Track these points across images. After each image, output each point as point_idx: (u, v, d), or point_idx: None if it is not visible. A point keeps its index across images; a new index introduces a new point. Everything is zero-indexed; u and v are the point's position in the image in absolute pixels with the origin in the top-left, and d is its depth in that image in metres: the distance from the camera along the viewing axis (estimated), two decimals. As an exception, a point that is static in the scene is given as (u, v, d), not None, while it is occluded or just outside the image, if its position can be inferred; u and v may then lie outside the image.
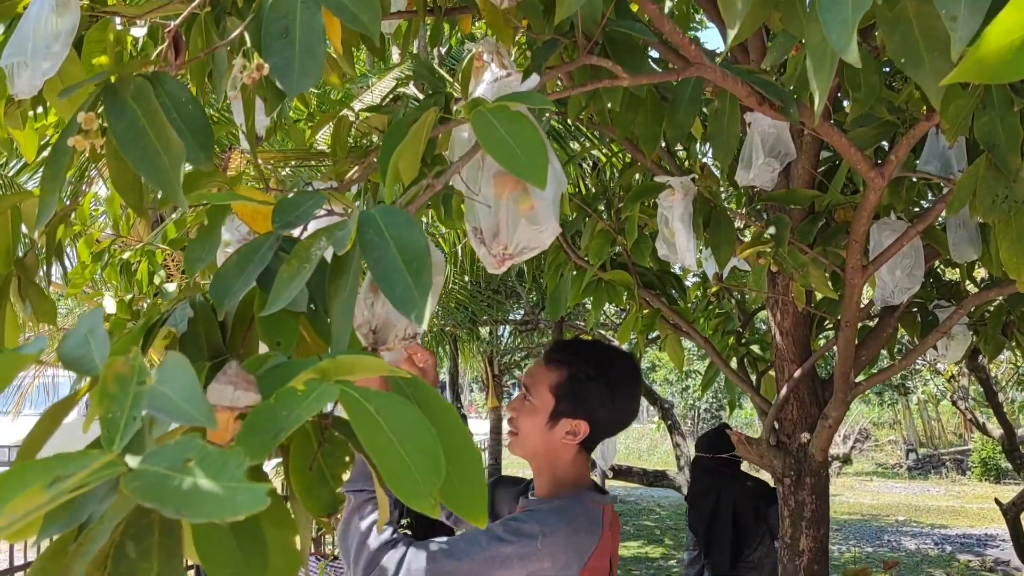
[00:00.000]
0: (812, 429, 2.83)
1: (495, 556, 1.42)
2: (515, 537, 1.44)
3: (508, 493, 1.83)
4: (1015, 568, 8.64)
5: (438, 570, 1.39)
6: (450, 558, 1.40)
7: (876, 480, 18.03)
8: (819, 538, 2.85)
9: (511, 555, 1.42)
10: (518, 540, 1.44)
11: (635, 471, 8.78)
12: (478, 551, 1.42)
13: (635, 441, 24.06)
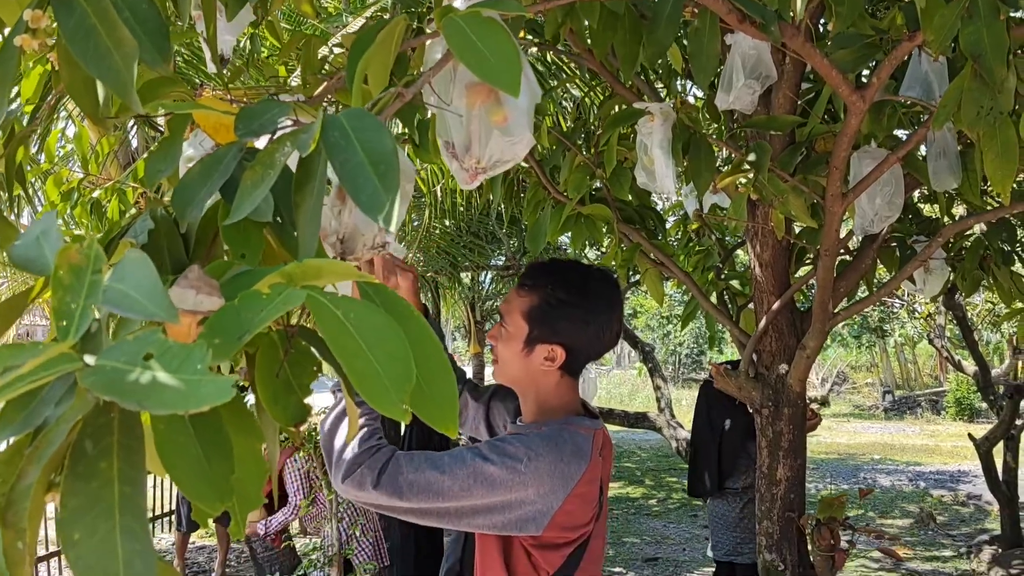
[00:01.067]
0: (790, 360, 2.84)
1: (478, 473, 1.40)
2: (500, 458, 1.42)
3: (506, 407, 1.80)
4: (986, 502, 8.84)
5: (420, 480, 1.37)
6: (433, 469, 1.38)
7: (853, 421, 18.33)
8: (796, 468, 2.88)
9: (494, 476, 1.40)
10: (502, 462, 1.41)
11: (616, 413, 8.84)
12: (461, 466, 1.40)
13: (616, 386, 24.29)
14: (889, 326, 20.52)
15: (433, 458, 1.41)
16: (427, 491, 1.38)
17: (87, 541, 0.71)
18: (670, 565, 6.61)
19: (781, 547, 2.85)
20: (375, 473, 1.37)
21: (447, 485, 1.37)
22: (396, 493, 1.37)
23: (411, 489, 1.37)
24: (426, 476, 1.37)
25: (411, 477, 1.37)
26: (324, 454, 1.45)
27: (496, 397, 1.84)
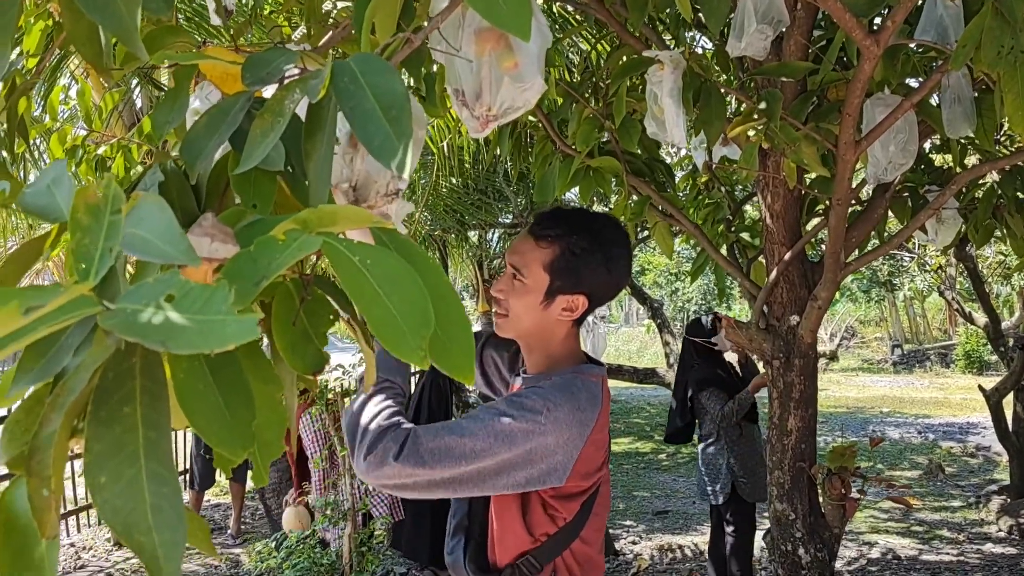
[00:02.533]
0: (801, 311, 2.83)
1: (499, 431, 1.39)
2: (519, 412, 1.41)
3: (497, 357, 1.80)
4: (995, 453, 8.88)
5: (441, 446, 1.36)
6: (453, 434, 1.37)
7: (862, 375, 18.38)
8: (807, 418, 2.89)
9: (515, 430, 1.39)
10: (521, 415, 1.40)
11: (625, 369, 8.85)
12: (480, 426, 1.39)
13: (625, 343, 24.36)
14: (899, 280, 20.44)
15: (450, 425, 1.41)
16: (449, 456, 1.35)
17: (113, 486, 0.71)
18: (680, 518, 6.68)
19: (792, 497, 2.87)
20: (398, 445, 1.35)
21: (469, 447, 1.36)
22: (419, 463, 1.35)
23: (433, 456, 1.35)
24: (446, 441, 1.36)
25: (431, 445, 1.35)
26: (347, 438, 1.43)
27: (488, 345, 1.84)
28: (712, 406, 4.33)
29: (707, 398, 4.36)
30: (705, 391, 4.37)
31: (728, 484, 4.30)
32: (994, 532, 6.01)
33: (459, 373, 0.92)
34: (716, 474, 4.36)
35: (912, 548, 5.66)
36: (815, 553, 2.85)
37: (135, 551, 0.68)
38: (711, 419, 4.37)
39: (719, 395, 4.33)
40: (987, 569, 5.12)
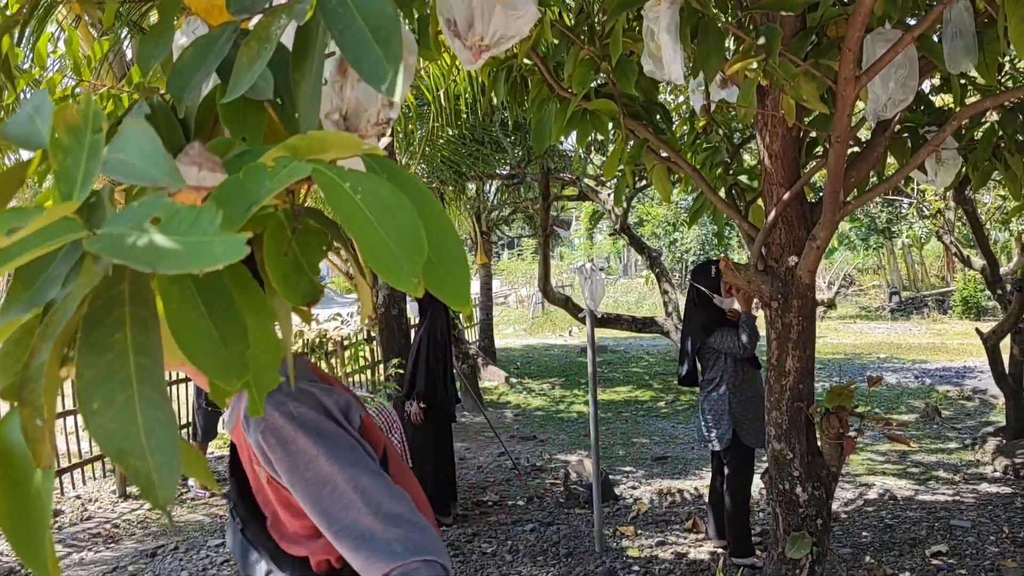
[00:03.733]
0: (800, 252, 2.82)
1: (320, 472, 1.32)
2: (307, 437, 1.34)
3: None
4: (991, 396, 8.95)
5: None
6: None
7: (859, 322, 18.46)
8: (805, 359, 2.89)
9: (317, 455, 1.33)
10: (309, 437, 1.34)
11: (624, 318, 8.89)
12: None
13: (624, 294, 24.41)
14: (897, 227, 20.41)
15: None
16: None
17: (106, 410, 0.71)
18: (679, 463, 6.75)
19: (790, 436, 2.89)
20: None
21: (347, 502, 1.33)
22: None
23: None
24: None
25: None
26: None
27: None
28: (727, 343, 4.31)
29: (719, 338, 4.34)
30: (715, 333, 4.36)
31: (729, 429, 4.31)
32: (989, 472, 6.09)
33: (455, 300, 0.91)
34: (718, 419, 4.37)
35: (909, 488, 5.73)
36: (812, 492, 2.88)
37: (130, 475, 0.68)
38: (716, 363, 4.39)
39: (728, 332, 4.32)
40: (982, 508, 5.19)
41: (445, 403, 5.26)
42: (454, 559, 4.59)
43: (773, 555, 2.99)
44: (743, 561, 4.30)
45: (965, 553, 4.41)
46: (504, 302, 24.98)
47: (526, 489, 6.02)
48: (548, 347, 15.61)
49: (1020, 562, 4.23)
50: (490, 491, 6.00)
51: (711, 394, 4.42)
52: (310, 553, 1.44)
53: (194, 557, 4.74)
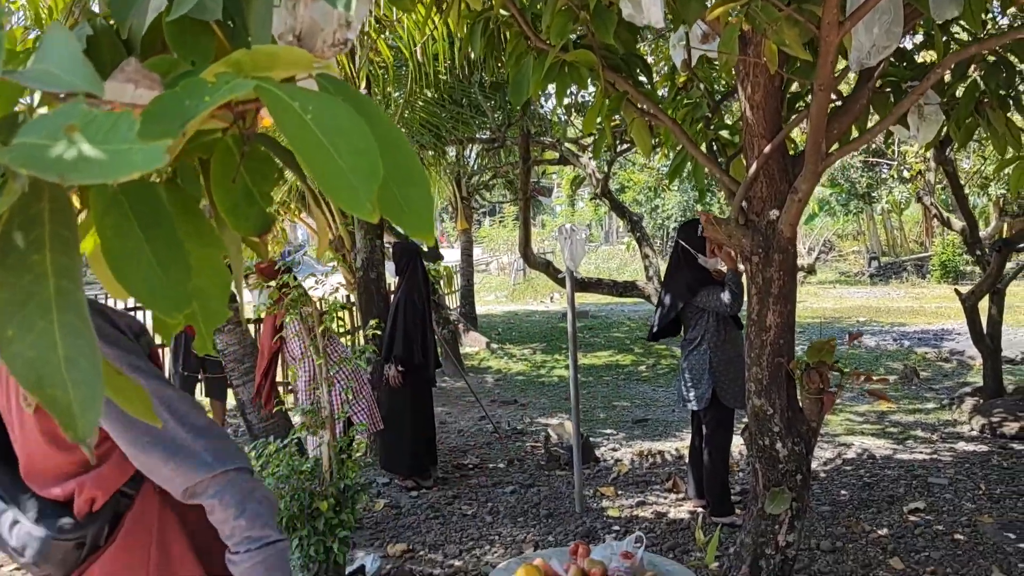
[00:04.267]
0: (781, 205, 2.78)
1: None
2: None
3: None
4: (969, 357, 9.03)
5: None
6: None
7: (839, 287, 18.56)
8: (786, 313, 2.86)
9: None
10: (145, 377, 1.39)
11: (604, 283, 8.85)
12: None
13: (605, 260, 24.41)
14: (877, 192, 20.47)
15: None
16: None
17: (24, 337, 0.65)
18: (659, 425, 6.77)
19: (770, 392, 2.86)
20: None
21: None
22: None
23: None
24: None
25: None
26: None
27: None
28: (713, 300, 4.28)
29: (706, 296, 4.31)
30: (702, 291, 4.33)
31: (709, 389, 4.30)
32: (966, 432, 6.14)
33: (417, 230, 0.85)
34: (699, 379, 4.36)
35: (887, 448, 5.76)
36: (792, 447, 2.86)
37: (47, 406, 0.62)
38: (698, 322, 4.36)
39: (716, 291, 4.29)
40: (959, 466, 5.23)
41: (423, 366, 5.21)
42: (434, 521, 4.58)
43: (753, 511, 2.98)
44: (723, 519, 4.31)
45: (942, 509, 4.44)
46: (486, 269, 24.93)
47: (506, 452, 6.01)
48: (530, 313, 15.60)
49: (996, 518, 4.27)
50: (471, 454, 5.99)
51: (692, 354, 4.40)
52: (77, 491, 1.40)
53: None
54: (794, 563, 2.96)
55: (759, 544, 2.94)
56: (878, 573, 3.68)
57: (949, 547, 3.93)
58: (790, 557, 2.94)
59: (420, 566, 4.00)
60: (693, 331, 4.41)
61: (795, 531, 2.92)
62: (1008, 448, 5.61)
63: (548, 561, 2.27)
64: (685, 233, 4.44)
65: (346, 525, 3.48)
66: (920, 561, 3.79)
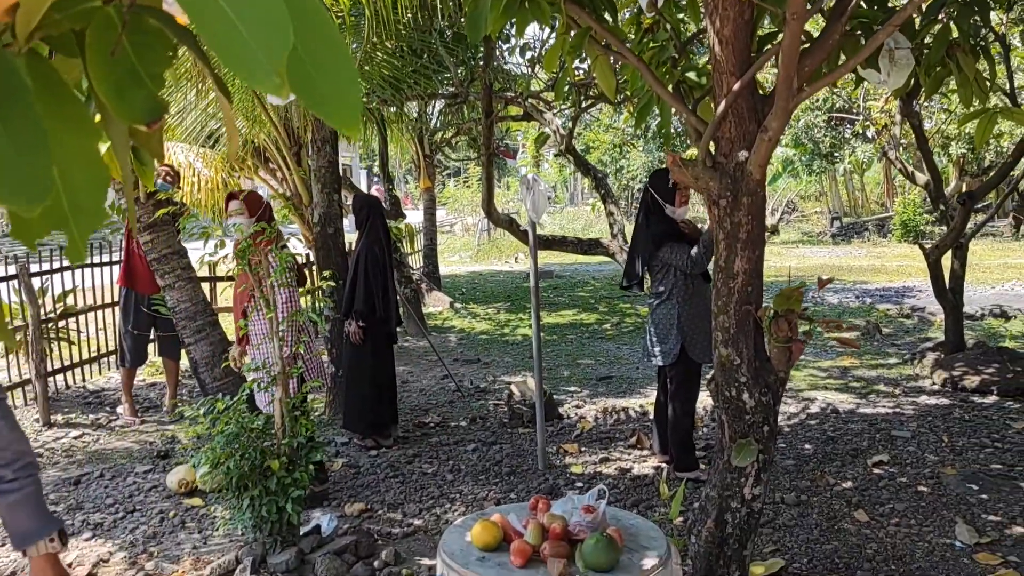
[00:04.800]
0: (750, 147, 2.66)
1: None
2: None
3: None
4: (930, 313, 9.09)
5: None
6: None
7: (802, 247, 18.66)
8: (754, 259, 2.76)
9: None
10: None
11: (569, 240, 8.74)
12: None
13: (570, 221, 24.31)
14: (840, 153, 20.55)
15: None
16: None
17: None
18: (624, 382, 6.71)
19: (737, 341, 2.77)
20: None
21: None
22: None
23: None
24: None
25: None
26: None
27: None
28: (677, 258, 4.19)
29: (668, 252, 4.22)
30: (665, 245, 4.23)
31: (677, 344, 4.22)
32: (928, 385, 6.16)
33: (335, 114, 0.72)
34: (666, 334, 4.27)
35: (850, 402, 5.76)
36: (759, 398, 2.78)
37: None
38: (666, 276, 4.26)
39: (680, 247, 4.20)
40: (922, 419, 5.24)
41: (384, 321, 5.06)
42: (393, 480, 4.47)
43: (718, 464, 2.90)
44: (687, 474, 4.26)
45: (906, 462, 4.43)
46: (450, 231, 24.70)
47: (469, 411, 5.92)
48: (494, 273, 15.48)
49: (959, 469, 4.27)
50: (432, 413, 5.88)
51: (659, 308, 4.31)
52: None
53: (120, 484, 4.53)
54: (760, 516, 2.90)
55: (724, 498, 2.87)
56: (843, 525, 3.65)
57: (913, 499, 3.92)
58: (756, 510, 2.87)
59: (378, 525, 3.90)
60: (660, 285, 4.32)
61: (761, 483, 2.85)
62: (969, 401, 5.64)
63: (507, 516, 2.17)
64: (655, 182, 4.33)
65: (299, 484, 3.35)
66: (885, 513, 3.77)
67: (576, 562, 1.98)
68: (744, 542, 2.90)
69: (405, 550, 3.57)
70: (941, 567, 3.25)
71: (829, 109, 18.71)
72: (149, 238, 5.21)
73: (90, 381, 6.92)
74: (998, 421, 5.13)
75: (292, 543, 3.46)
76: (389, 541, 3.72)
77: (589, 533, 2.04)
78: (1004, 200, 7.22)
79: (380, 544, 3.66)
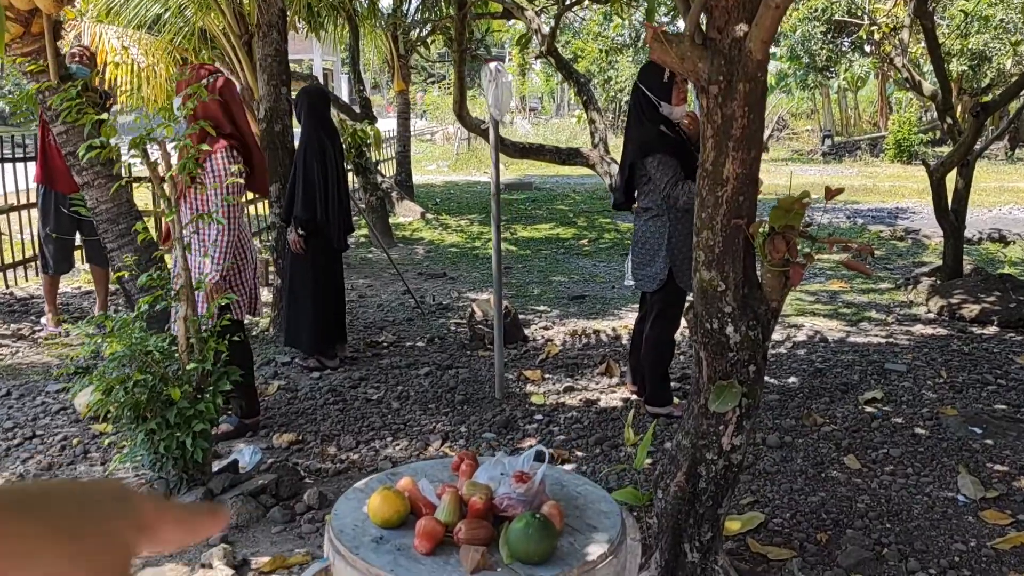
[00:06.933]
0: (751, 19, 2.10)
1: None
2: None
3: None
4: (924, 236, 8.62)
5: None
6: None
7: (791, 165, 18.03)
8: (748, 163, 2.23)
9: None
10: None
11: (547, 148, 8.16)
12: None
13: (554, 132, 23.49)
14: (835, 68, 19.74)
15: None
16: None
17: None
18: (597, 303, 6.22)
19: (723, 262, 2.26)
20: None
21: None
22: None
23: None
24: None
25: None
26: None
27: None
28: (660, 175, 3.58)
29: (654, 165, 3.59)
30: (651, 156, 3.60)
31: (665, 269, 3.64)
32: (923, 314, 5.71)
33: None
34: (652, 256, 3.69)
35: (840, 330, 5.31)
36: (747, 331, 2.29)
37: None
38: (654, 189, 3.65)
39: (668, 162, 3.56)
40: (917, 351, 4.80)
41: (328, 228, 4.51)
42: (333, 407, 4.01)
43: (693, 407, 2.43)
44: (659, 410, 3.81)
45: (901, 400, 3.99)
46: (431, 139, 23.83)
47: (428, 330, 5.43)
48: (471, 184, 14.83)
49: (960, 410, 3.84)
50: (387, 331, 5.39)
51: (645, 225, 3.72)
52: None
53: (27, 404, 4.04)
54: (739, 470, 2.45)
55: (699, 447, 2.41)
56: (831, 473, 3.22)
57: (910, 443, 3.49)
58: (735, 463, 2.41)
59: (308, 460, 3.44)
60: (648, 199, 3.69)
61: (743, 432, 2.39)
62: (968, 332, 5.20)
63: (418, 482, 1.69)
64: (646, 77, 3.68)
65: (204, 416, 2.86)
66: (878, 459, 3.34)
67: (500, 549, 1.51)
68: (719, 499, 2.45)
69: (333, 491, 3.12)
70: (943, 526, 2.83)
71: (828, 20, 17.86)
72: (63, 128, 4.59)
73: (19, 288, 6.36)
74: (1000, 355, 4.69)
75: (201, 482, 3.00)
76: (317, 479, 3.27)
77: (521, 509, 1.56)
78: (1021, 113, 6.67)
79: (306, 483, 3.21)
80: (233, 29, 6.52)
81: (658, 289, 3.68)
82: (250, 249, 3.61)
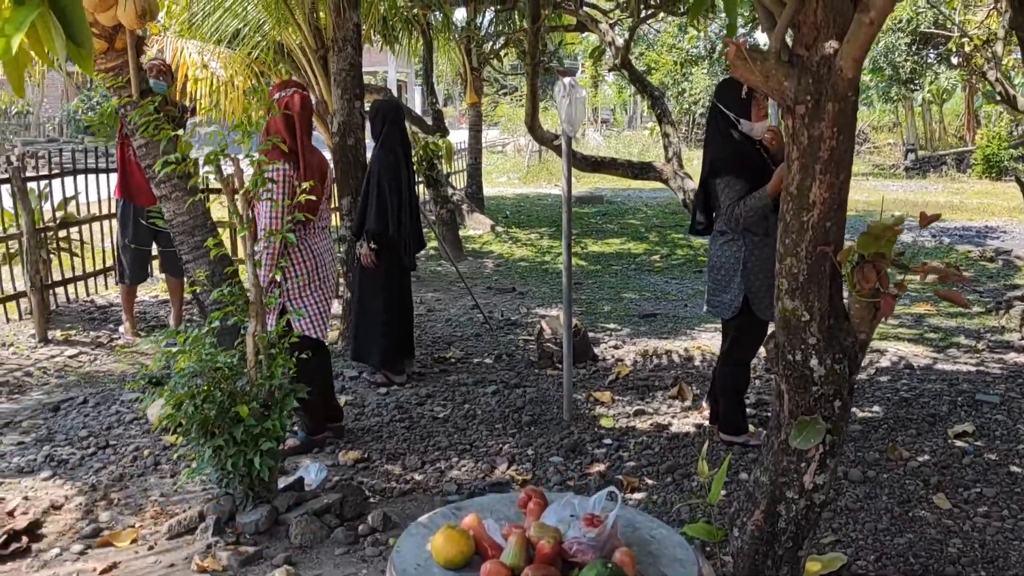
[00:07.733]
0: (842, 35, 1.98)
1: None
2: None
3: None
4: (1016, 257, 8.22)
5: None
6: None
7: (872, 180, 17.49)
8: (836, 187, 2.10)
9: None
10: None
11: (619, 162, 8.04)
12: None
13: (626, 146, 23.28)
14: (920, 80, 19.11)
15: None
16: None
17: None
18: (668, 321, 6.08)
19: (807, 291, 2.14)
20: None
21: None
22: None
23: None
24: None
25: None
26: None
27: None
28: (724, 197, 3.42)
29: (721, 187, 3.44)
30: (721, 177, 3.44)
31: (739, 296, 3.47)
32: (1016, 340, 5.41)
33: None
34: (727, 282, 3.51)
35: (926, 356, 5.06)
36: (832, 365, 2.16)
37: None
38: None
39: (735, 185, 3.40)
40: (1011, 381, 4.54)
41: (399, 243, 4.49)
42: (400, 424, 3.97)
43: (773, 443, 2.31)
44: (733, 438, 3.66)
45: (994, 434, 3.76)
46: (502, 151, 23.88)
47: (496, 346, 5.37)
48: (542, 196, 14.78)
49: (1059, 447, 3.60)
50: (455, 347, 5.35)
51: (722, 249, 3.54)
52: None
53: (102, 413, 4.12)
54: (822, 510, 2.31)
55: (778, 485, 2.28)
56: (919, 512, 3.04)
57: (1005, 482, 3.28)
58: (817, 503, 2.28)
59: (373, 479, 3.41)
60: (721, 221, 3.55)
61: (827, 471, 2.25)
62: (1066, 362, 4.91)
63: (484, 520, 1.62)
64: (723, 93, 3.52)
65: (271, 435, 2.85)
66: (970, 499, 3.14)
67: (568, 598, 1.43)
68: (800, 540, 2.32)
69: (398, 512, 3.08)
70: (1043, 577, 2.63)
71: (913, 31, 17.31)
72: (142, 142, 4.69)
73: (99, 295, 6.54)
74: (1102, 387, 4.40)
75: (266, 500, 2.99)
76: (382, 500, 3.23)
77: (591, 556, 1.48)
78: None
79: (371, 503, 3.17)
80: (309, 44, 6.60)
81: (733, 316, 3.52)
82: (328, 274, 3.64)
